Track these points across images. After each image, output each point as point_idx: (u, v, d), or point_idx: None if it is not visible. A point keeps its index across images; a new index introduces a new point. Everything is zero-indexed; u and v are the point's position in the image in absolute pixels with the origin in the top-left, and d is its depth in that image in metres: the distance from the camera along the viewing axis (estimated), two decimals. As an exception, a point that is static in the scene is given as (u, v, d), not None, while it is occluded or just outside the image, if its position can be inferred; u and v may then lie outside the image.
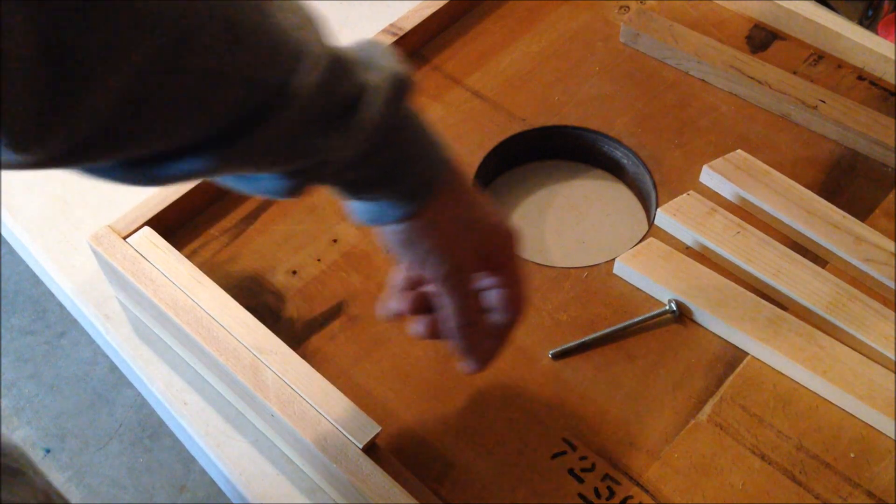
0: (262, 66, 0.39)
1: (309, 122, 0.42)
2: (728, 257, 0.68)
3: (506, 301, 0.56)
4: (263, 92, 0.40)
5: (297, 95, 0.41)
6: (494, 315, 0.56)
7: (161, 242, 0.68)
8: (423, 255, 0.52)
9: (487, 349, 0.57)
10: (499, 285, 0.56)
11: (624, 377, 0.64)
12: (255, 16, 0.39)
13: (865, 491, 0.59)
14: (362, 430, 0.59)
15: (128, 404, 1.57)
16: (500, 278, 0.56)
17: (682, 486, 0.59)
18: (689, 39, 0.83)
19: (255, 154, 0.42)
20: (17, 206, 0.80)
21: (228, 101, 0.39)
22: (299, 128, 0.42)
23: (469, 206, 0.53)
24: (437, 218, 0.51)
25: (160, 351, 0.70)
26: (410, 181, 0.50)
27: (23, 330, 1.69)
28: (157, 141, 0.39)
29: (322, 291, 0.70)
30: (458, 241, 0.53)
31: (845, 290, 0.66)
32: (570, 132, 0.80)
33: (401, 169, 0.49)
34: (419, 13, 0.83)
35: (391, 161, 0.48)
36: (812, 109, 0.77)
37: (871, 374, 0.62)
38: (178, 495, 1.49)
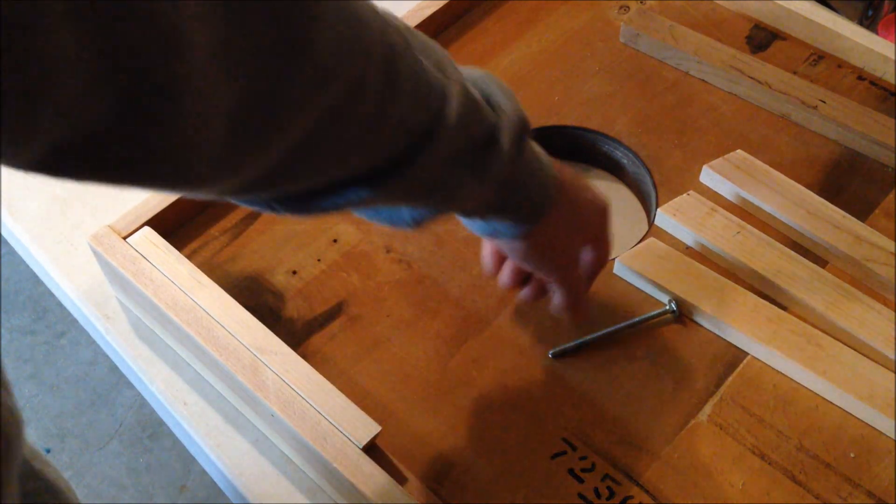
0: (415, 110, 0.42)
1: (450, 160, 0.46)
2: (728, 257, 0.68)
3: (595, 263, 0.61)
4: (415, 133, 0.43)
5: (441, 137, 0.44)
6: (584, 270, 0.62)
7: (161, 242, 0.68)
8: (535, 263, 0.58)
9: (584, 306, 0.63)
10: (590, 250, 0.61)
11: (624, 377, 0.64)
12: (410, 63, 0.42)
13: (865, 491, 0.59)
14: (362, 430, 0.59)
15: (128, 404, 1.57)
16: (592, 245, 0.61)
17: (682, 486, 0.59)
18: (689, 39, 0.83)
19: (402, 189, 0.45)
20: (17, 206, 0.80)
21: (384, 144, 0.42)
22: (442, 165, 0.45)
23: (574, 208, 0.56)
24: (549, 230, 0.55)
25: (160, 351, 0.70)
26: (526, 208, 0.53)
27: (23, 330, 1.69)
28: (314, 179, 0.43)
29: (322, 291, 0.70)
30: (567, 244, 0.58)
31: (845, 290, 0.66)
32: (570, 132, 0.80)
33: (517, 197, 0.52)
34: (419, 13, 0.83)
35: (509, 191, 0.51)
36: (812, 109, 0.77)
37: (871, 374, 0.62)
38: (178, 495, 1.49)
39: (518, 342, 0.66)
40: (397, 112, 0.42)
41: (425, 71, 0.43)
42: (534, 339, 0.66)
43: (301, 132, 0.38)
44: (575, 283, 0.61)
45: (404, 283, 0.70)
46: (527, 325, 0.67)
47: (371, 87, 0.40)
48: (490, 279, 0.68)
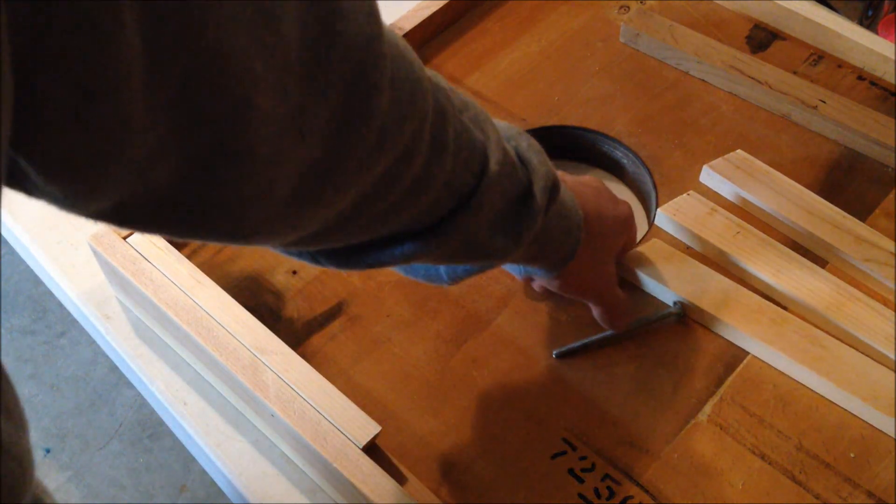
0: (461, 171, 0.44)
1: (491, 218, 0.47)
2: (728, 257, 0.68)
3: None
4: (460, 193, 0.45)
5: (483, 196, 0.45)
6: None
7: (161, 242, 0.68)
8: (573, 295, 0.61)
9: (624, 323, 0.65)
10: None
11: (624, 377, 0.64)
12: (456, 125, 0.43)
13: (865, 491, 0.59)
14: (362, 430, 0.59)
15: (128, 404, 1.57)
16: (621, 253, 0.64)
17: (682, 486, 0.59)
18: (689, 39, 0.83)
19: (446, 248, 0.46)
20: (17, 206, 0.80)
21: (431, 204, 0.44)
22: (485, 224, 0.47)
23: (601, 237, 0.59)
24: (580, 265, 0.57)
25: (160, 351, 0.70)
26: (557, 254, 0.56)
27: (23, 330, 1.69)
28: (364, 237, 0.45)
29: (322, 291, 0.70)
30: (601, 271, 0.60)
31: (845, 290, 0.66)
32: (570, 132, 0.80)
33: (548, 248, 0.55)
34: (419, 13, 0.83)
35: (540, 244, 0.53)
36: (812, 109, 0.77)
37: (876, 375, 0.62)
38: (178, 495, 1.49)
39: (518, 342, 0.66)
40: (445, 173, 0.43)
41: (469, 131, 0.44)
42: (534, 340, 0.66)
43: (359, 193, 0.39)
44: (612, 300, 0.63)
45: (404, 283, 0.70)
46: (527, 325, 0.67)
47: (423, 149, 0.41)
48: (490, 281, 0.69)
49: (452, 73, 0.83)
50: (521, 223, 0.49)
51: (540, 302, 0.68)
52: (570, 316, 0.67)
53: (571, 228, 0.55)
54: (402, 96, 0.39)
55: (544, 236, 0.53)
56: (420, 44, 0.85)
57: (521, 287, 0.69)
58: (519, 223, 0.49)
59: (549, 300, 0.68)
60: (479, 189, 0.45)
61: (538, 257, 0.55)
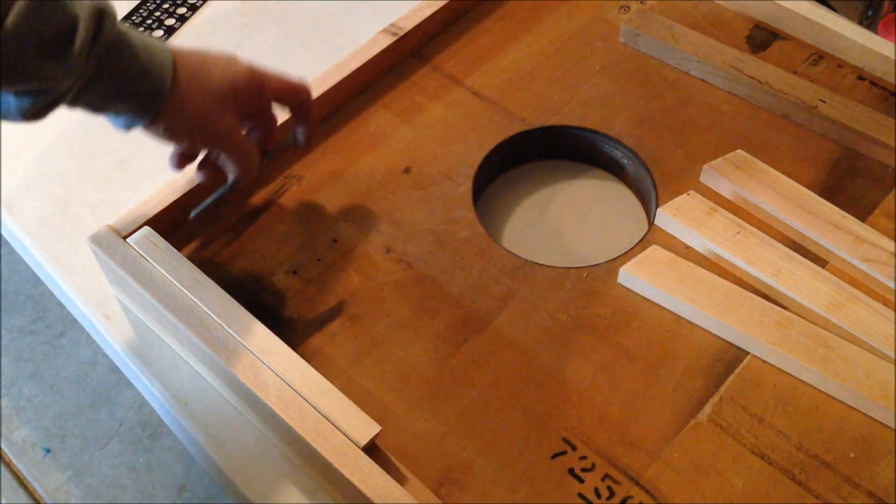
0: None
1: (23, 48, 0.50)
2: (728, 257, 0.68)
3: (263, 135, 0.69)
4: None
5: (8, 23, 0.49)
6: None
7: (161, 242, 0.68)
8: (187, 139, 0.64)
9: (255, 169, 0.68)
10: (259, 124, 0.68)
11: (624, 377, 0.64)
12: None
13: (865, 491, 0.59)
14: (362, 430, 0.59)
15: (128, 404, 1.57)
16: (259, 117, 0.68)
17: (682, 486, 0.59)
18: (689, 39, 0.83)
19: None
20: (17, 206, 0.80)
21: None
22: (14, 52, 0.50)
23: (205, 83, 0.62)
24: (182, 110, 0.61)
25: (160, 351, 0.70)
26: (139, 97, 0.59)
27: (23, 330, 1.69)
28: None
29: (322, 291, 0.70)
30: (210, 115, 0.62)
31: (845, 290, 0.66)
32: (570, 132, 0.80)
33: (126, 88, 0.58)
34: (419, 13, 0.83)
35: (114, 84, 0.57)
36: (812, 109, 0.77)
37: (882, 373, 0.62)
38: (178, 495, 1.49)
39: (518, 342, 0.66)
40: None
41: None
42: (534, 340, 0.66)
43: None
44: (241, 150, 0.65)
45: (404, 283, 0.70)
46: (527, 325, 0.67)
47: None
48: (490, 281, 0.69)
49: (452, 73, 0.83)
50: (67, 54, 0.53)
51: (540, 302, 0.68)
52: (570, 316, 0.67)
53: (152, 67, 0.58)
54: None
55: (115, 71, 0.56)
56: (420, 44, 0.85)
57: (521, 287, 0.69)
58: (64, 54, 0.53)
59: (549, 300, 0.68)
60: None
61: (122, 97, 0.58)
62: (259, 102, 0.66)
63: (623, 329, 0.67)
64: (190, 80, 0.61)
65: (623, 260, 0.70)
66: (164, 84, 0.59)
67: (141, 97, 0.59)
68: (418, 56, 0.85)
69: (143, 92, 0.59)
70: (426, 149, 0.78)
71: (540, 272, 0.70)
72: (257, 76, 0.65)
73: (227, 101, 0.63)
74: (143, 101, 0.59)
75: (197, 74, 0.61)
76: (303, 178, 0.76)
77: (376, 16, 0.92)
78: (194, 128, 0.63)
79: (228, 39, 0.93)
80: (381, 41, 0.81)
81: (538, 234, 0.77)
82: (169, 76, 0.59)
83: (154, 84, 0.59)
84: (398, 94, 0.82)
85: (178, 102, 0.60)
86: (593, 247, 0.76)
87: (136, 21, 0.94)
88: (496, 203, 0.79)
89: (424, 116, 0.80)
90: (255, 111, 0.67)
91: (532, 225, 0.78)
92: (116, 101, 0.59)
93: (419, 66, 0.84)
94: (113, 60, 0.56)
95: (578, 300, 0.68)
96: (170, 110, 0.60)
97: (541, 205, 0.79)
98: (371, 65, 0.81)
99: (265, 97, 0.66)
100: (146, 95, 0.59)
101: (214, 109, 0.62)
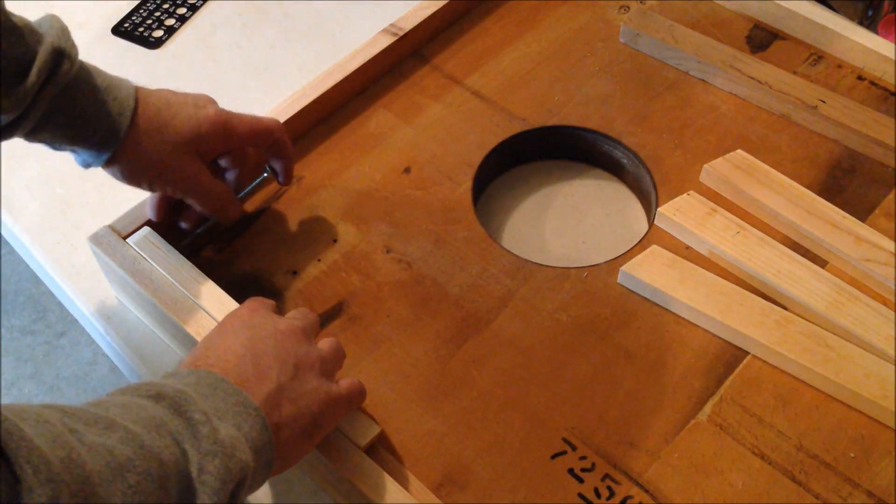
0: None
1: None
2: (728, 257, 0.68)
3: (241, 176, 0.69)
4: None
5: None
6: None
7: (161, 242, 0.68)
8: (146, 183, 0.63)
9: (232, 209, 0.68)
10: (233, 164, 0.68)
11: (624, 377, 0.64)
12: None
13: (865, 491, 0.59)
14: (362, 430, 0.59)
15: (128, 404, 1.57)
16: (233, 157, 0.67)
17: (682, 486, 0.59)
18: (689, 39, 0.83)
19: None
20: (17, 206, 0.80)
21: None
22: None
23: (167, 127, 0.61)
24: (139, 153, 0.61)
25: (160, 351, 0.70)
26: (95, 138, 0.59)
27: (23, 330, 1.69)
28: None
29: (322, 291, 0.70)
30: (171, 161, 0.62)
31: (845, 290, 0.66)
32: (570, 132, 0.80)
33: (81, 129, 0.58)
34: (419, 13, 0.83)
35: (69, 123, 0.58)
36: (812, 109, 0.77)
37: (883, 373, 0.62)
38: (178, 495, 1.49)
39: (518, 342, 0.66)
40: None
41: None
42: (534, 339, 0.66)
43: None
44: (210, 195, 0.65)
45: (404, 283, 0.70)
46: (527, 325, 0.67)
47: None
48: (490, 281, 0.69)
49: (452, 73, 0.83)
50: (19, 90, 0.54)
51: (540, 302, 0.68)
52: (570, 316, 0.67)
53: (111, 109, 0.59)
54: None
55: (67, 110, 0.57)
56: (420, 44, 0.85)
57: (520, 287, 0.69)
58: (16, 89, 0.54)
59: (549, 300, 0.68)
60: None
61: (74, 137, 0.59)
62: (227, 146, 0.66)
63: (623, 329, 0.67)
64: (151, 123, 0.61)
65: (623, 260, 0.70)
66: (120, 126, 0.59)
67: (96, 139, 0.59)
68: (418, 56, 0.85)
69: (99, 133, 0.59)
70: (426, 149, 0.78)
71: (540, 272, 0.70)
72: (224, 120, 0.64)
73: (191, 146, 0.63)
74: (98, 142, 0.60)
75: (159, 117, 0.61)
76: (303, 178, 0.76)
77: (376, 16, 0.92)
78: (153, 172, 0.62)
79: (228, 39, 0.93)
80: (381, 41, 0.81)
81: (538, 234, 0.77)
82: (127, 119, 0.60)
83: (110, 126, 0.59)
84: (398, 94, 0.82)
85: (136, 146, 0.61)
86: (593, 247, 0.76)
87: (136, 21, 0.94)
88: (496, 203, 0.79)
89: (424, 116, 0.80)
90: (225, 153, 0.67)
91: (532, 225, 0.78)
92: (71, 142, 0.59)
93: (419, 66, 0.84)
94: (69, 100, 0.57)
95: (578, 300, 0.68)
96: (127, 153, 0.61)
97: (541, 205, 0.79)
98: (371, 65, 0.81)
99: (233, 141, 0.65)
100: (102, 137, 0.59)
101: (175, 155, 0.62)
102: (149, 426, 0.44)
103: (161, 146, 0.61)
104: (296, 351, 0.54)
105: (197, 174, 0.64)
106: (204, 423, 0.45)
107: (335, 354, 0.58)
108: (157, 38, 0.93)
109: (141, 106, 0.61)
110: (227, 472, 0.45)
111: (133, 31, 0.94)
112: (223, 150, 0.66)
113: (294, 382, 0.53)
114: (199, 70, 0.90)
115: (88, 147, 0.60)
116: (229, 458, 0.45)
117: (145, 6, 0.96)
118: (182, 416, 0.45)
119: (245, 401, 0.49)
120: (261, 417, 0.49)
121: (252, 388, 0.50)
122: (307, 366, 0.54)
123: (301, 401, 0.52)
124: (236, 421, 0.48)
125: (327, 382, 0.55)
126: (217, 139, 0.64)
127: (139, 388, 0.47)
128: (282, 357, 0.53)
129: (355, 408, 0.59)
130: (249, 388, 0.50)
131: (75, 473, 0.37)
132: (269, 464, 0.50)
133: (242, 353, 0.52)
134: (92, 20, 0.94)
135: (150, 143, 0.61)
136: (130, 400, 0.46)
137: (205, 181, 0.65)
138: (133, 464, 0.41)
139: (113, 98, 0.59)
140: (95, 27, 0.93)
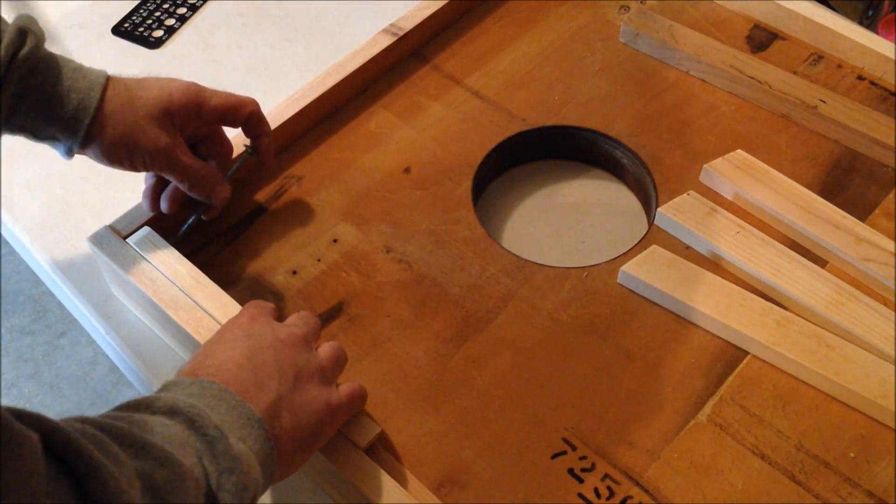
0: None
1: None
2: (728, 257, 0.68)
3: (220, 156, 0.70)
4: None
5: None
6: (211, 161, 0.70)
7: (161, 242, 0.68)
8: (126, 161, 0.63)
9: (219, 189, 0.68)
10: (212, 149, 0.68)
11: (624, 377, 0.64)
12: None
13: (865, 491, 0.59)
14: (362, 430, 0.59)
15: (128, 404, 1.57)
16: (211, 143, 0.68)
17: (682, 486, 0.59)
18: (689, 39, 0.83)
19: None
20: (17, 206, 0.80)
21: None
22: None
23: (138, 101, 0.62)
24: (112, 130, 0.61)
25: (160, 351, 0.70)
26: (65, 118, 0.60)
27: (23, 330, 1.69)
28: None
29: (322, 291, 0.70)
30: (143, 133, 0.62)
31: (845, 290, 0.66)
32: (570, 132, 0.80)
33: (51, 109, 0.59)
34: (419, 13, 0.83)
35: (39, 104, 0.59)
36: (812, 109, 0.77)
37: (883, 373, 0.62)
38: (178, 495, 1.49)
39: (518, 342, 0.66)
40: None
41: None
42: (534, 339, 0.66)
43: None
44: (191, 172, 0.65)
45: (404, 283, 0.70)
46: (527, 325, 0.67)
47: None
48: (490, 281, 0.69)
49: (452, 73, 0.83)
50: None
51: (540, 302, 0.68)
52: (570, 316, 0.67)
53: (79, 88, 0.60)
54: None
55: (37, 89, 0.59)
56: (420, 44, 0.85)
57: (520, 287, 0.69)
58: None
59: (549, 300, 0.68)
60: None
61: (46, 117, 0.60)
62: (200, 119, 0.66)
63: (623, 329, 0.67)
64: (121, 100, 0.62)
65: (623, 260, 0.70)
66: (89, 104, 0.60)
67: (66, 118, 0.60)
68: (418, 56, 0.85)
69: (68, 112, 0.60)
70: (426, 149, 0.78)
71: (540, 272, 0.70)
72: (196, 91, 0.65)
73: (164, 117, 0.63)
74: (71, 119, 0.60)
75: (129, 92, 0.62)
76: (303, 178, 0.76)
77: (376, 16, 0.92)
78: (128, 147, 0.62)
79: (228, 39, 0.93)
80: (381, 41, 0.81)
81: (538, 234, 0.77)
82: (96, 97, 0.60)
83: (79, 104, 0.60)
84: (398, 94, 0.82)
85: (108, 119, 0.61)
86: (593, 247, 0.76)
87: (136, 21, 0.94)
88: (496, 203, 0.79)
89: (424, 116, 0.80)
90: (203, 133, 0.67)
91: (532, 225, 0.78)
92: (45, 124, 0.60)
93: (419, 66, 0.84)
94: (40, 78, 0.59)
95: (578, 300, 0.68)
96: (99, 131, 0.61)
97: (541, 205, 0.79)
98: (371, 65, 0.81)
99: (207, 113, 0.66)
100: (71, 115, 0.60)
101: (148, 127, 0.62)
102: (174, 444, 0.44)
103: (133, 118, 0.62)
104: (295, 360, 0.54)
105: (172, 147, 0.64)
106: (219, 440, 0.45)
107: (336, 360, 0.58)
108: (157, 38, 0.93)
109: (111, 82, 0.62)
110: (243, 488, 0.45)
111: (133, 31, 0.94)
112: (197, 125, 0.66)
113: (294, 393, 0.53)
114: (199, 70, 0.90)
115: (63, 127, 0.60)
116: (244, 474, 0.45)
117: (145, 6, 0.96)
118: (198, 433, 0.45)
119: (249, 413, 0.49)
120: (263, 430, 0.49)
121: (252, 398, 0.50)
122: (307, 375, 0.54)
123: (300, 411, 0.52)
124: (241, 434, 0.48)
125: (327, 390, 0.55)
126: (189, 109, 0.64)
127: (150, 405, 0.47)
128: (282, 367, 0.53)
129: (356, 412, 0.59)
130: (249, 399, 0.50)
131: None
132: (271, 475, 0.50)
133: (242, 363, 0.52)
134: (92, 20, 0.94)
135: (121, 117, 0.62)
136: (150, 419, 0.45)
137: (182, 155, 0.65)
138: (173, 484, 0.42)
139: (83, 76, 0.61)
140: (95, 27, 0.93)
